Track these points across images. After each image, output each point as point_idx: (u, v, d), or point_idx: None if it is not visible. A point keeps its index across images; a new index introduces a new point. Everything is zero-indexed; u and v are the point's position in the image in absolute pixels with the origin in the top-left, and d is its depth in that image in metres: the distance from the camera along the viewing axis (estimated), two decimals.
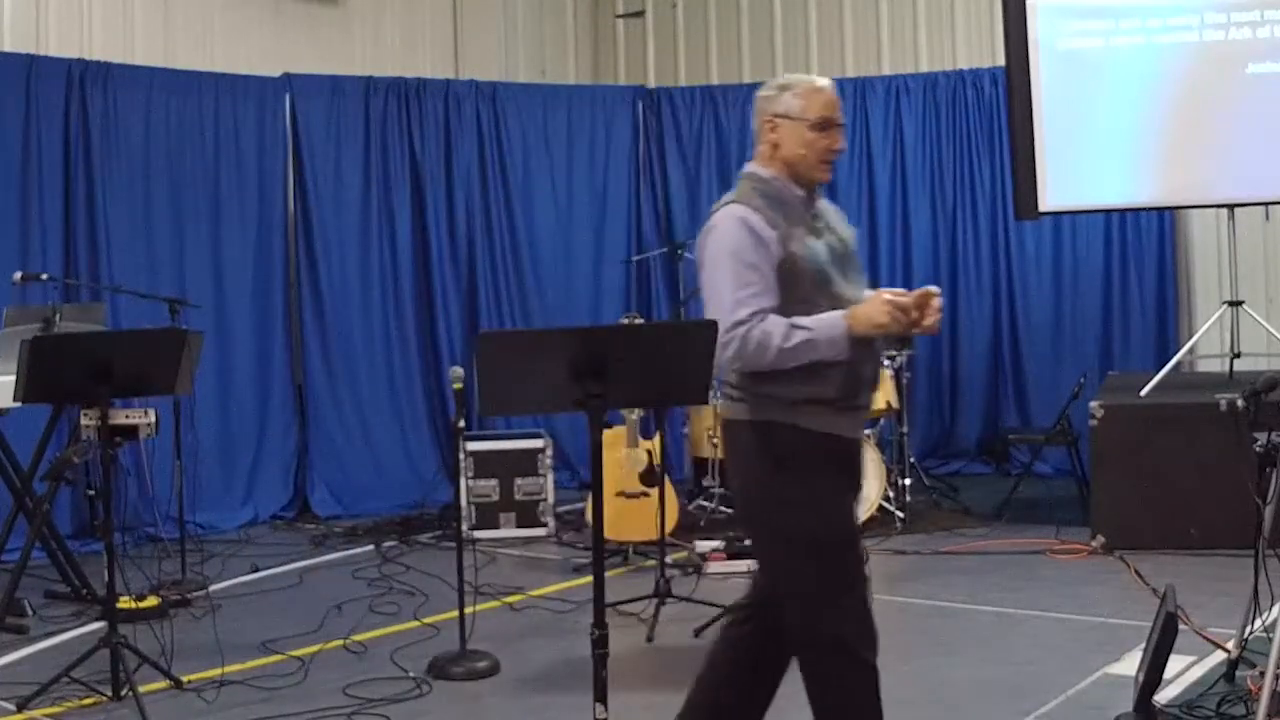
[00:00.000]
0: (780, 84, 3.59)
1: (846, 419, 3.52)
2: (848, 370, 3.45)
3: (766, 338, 3.37)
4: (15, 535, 6.29)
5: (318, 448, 8.70)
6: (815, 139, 3.50)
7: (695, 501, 8.11)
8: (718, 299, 3.45)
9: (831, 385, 3.44)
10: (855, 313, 3.39)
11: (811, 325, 3.37)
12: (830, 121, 3.51)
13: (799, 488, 3.48)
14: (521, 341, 3.84)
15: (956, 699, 4.79)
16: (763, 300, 3.39)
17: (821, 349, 3.38)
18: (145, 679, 4.92)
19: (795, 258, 3.42)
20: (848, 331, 3.37)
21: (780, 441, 3.48)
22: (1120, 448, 6.89)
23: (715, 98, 9.91)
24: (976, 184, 9.45)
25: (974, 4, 9.65)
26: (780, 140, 3.52)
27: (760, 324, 3.38)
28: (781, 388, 3.45)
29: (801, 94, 3.53)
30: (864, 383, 3.54)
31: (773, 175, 3.53)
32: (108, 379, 4.78)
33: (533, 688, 5.07)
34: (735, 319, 3.39)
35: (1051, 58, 7.70)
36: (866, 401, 3.59)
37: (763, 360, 3.40)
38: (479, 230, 9.37)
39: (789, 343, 3.36)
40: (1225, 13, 7.43)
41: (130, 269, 7.81)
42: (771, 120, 3.54)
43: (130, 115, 7.98)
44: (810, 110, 3.50)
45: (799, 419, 3.46)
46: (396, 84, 9.12)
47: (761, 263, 3.41)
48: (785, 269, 3.42)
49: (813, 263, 3.45)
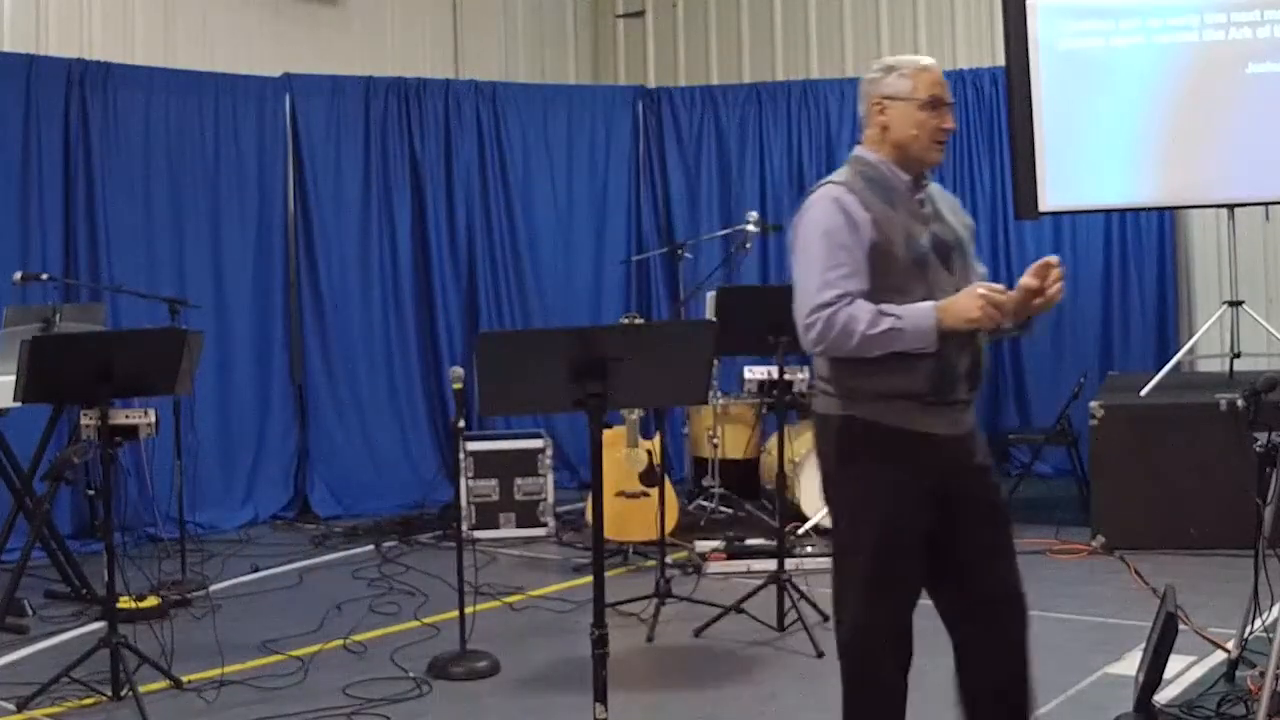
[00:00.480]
0: (885, 65, 3.47)
1: (938, 415, 3.35)
2: (939, 363, 3.29)
3: (852, 322, 3.25)
4: (15, 535, 6.29)
5: (318, 448, 8.70)
6: (926, 119, 3.39)
7: (695, 501, 8.11)
8: (805, 280, 3.33)
9: (921, 378, 3.30)
10: (947, 305, 3.26)
11: (900, 314, 3.25)
12: (940, 100, 3.41)
13: (861, 485, 3.38)
14: (521, 341, 3.85)
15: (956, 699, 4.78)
16: (851, 283, 3.27)
17: (907, 339, 3.25)
18: (145, 679, 4.92)
19: (890, 242, 3.31)
20: (937, 324, 3.24)
21: (856, 437, 3.37)
22: (1120, 448, 6.89)
23: (715, 98, 9.91)
24: (976, 184, 9.45)
25: (974, 4, 9.65)
26: (890, 123, 3.42)
27: (846, 307, 3.26)
28: (867, 380, 3.33)
29: (909, 74, 3.42)
30: (958, 376, 3.36)
31: (879, 159, 3.43)
32: (108, 379, 4.78)
33: (533, 688, 5.07)
34: (820, 300, 3.27)
35: (1051, 58, 7.70)
36: (963, 396, 3.40)
37: (846, 346, 3.27)
38: (479, 230, 9.37)
39: (874, 329, 3.24)
40: (1225, 13, 7.43)
41: (130, 269, 7.81)
42: (879, 103, 3.43)
43: (130, 115, 7.98)
44: (919, 90, 3.40)
45: (883, 415, 3.34)
46: (396, 84, 9.12)
47: (853, 245, 3.30)
48: (878, 253, 3.30)
49: (909, 249, 3.32)
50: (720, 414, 8.01)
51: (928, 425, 3.34)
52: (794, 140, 9.71)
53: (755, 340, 5.65)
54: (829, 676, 5.09)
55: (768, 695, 4.89)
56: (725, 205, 9.72)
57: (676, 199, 9.85)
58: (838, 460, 3.43)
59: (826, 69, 10.07)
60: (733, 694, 4.93)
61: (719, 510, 7.94)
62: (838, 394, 3.40)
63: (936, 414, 3.35)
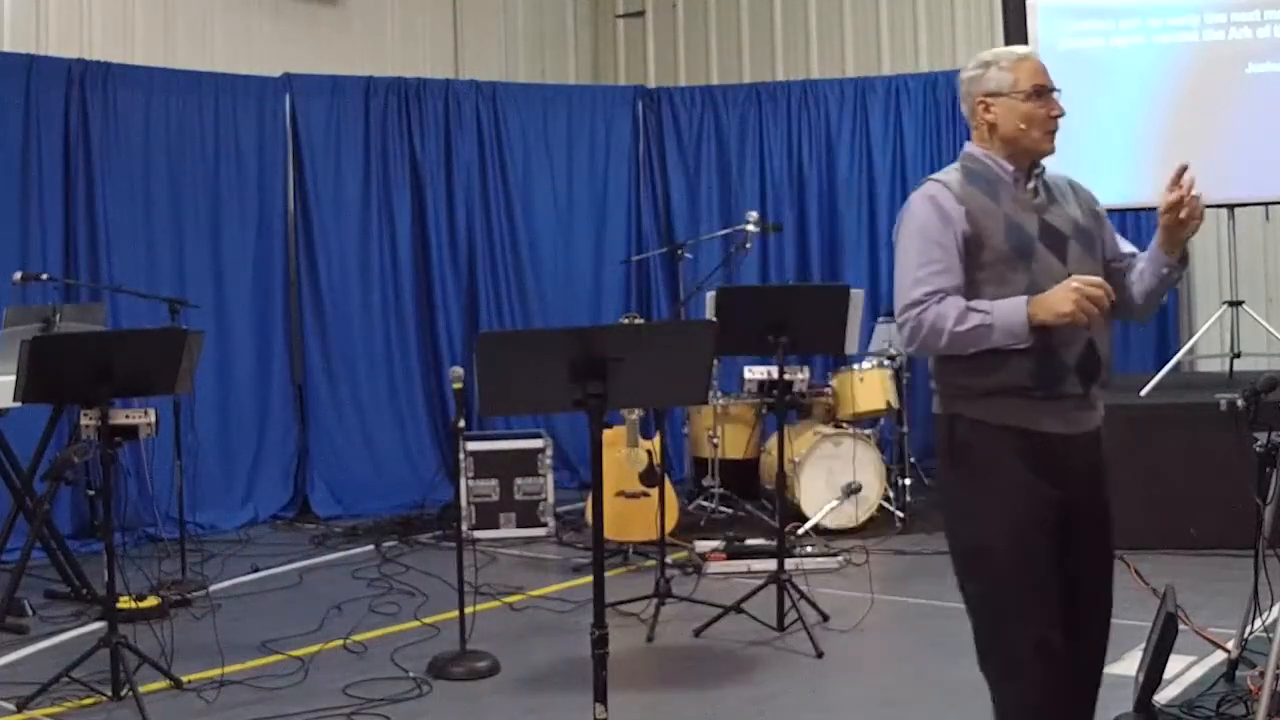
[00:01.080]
0: (983, 61, 3.37)
1: (1047, 410, 3.19)
2: (1043, 355, 3.15)
3: (940, 320, 3.15)
4: (15, 535, 6.29)
5: (318, 448, 8.70)
6: (1033, 110, 3.29)
7: (695, 501, 8.11)
8: (900, 279, 3.25)
9: (1023, 371, 3.16)
10: (1040, 299, 3.12)
11: (989, 309, 3.14)
12: (1044, 88, 3.31)
13: (970, 489, 3.25)
14: (521, 341, 3.85)
15: (956, 699, 4.79)
16: (944, 279, 3.18)
17: (997, 336, 3.13)
18: (145, 679, 4.92)
19: (985, 233, 3.20)
20: (1029, 319, 3.11)
21: (962, 437, 3.25)
22: (1120, 448, 6.84)
23: (715, 98, 9.92)
24: None
25: (974, 4, 9.65)
26: (997, 119, 3.31)
27: (936, 305, 3.16)
28: (970, 376, 3.21)
29: (1008, 66, 3.32)
30: (1066, 369, 3.18)
31: (984, 153, 3.33)
32: (108, 379, 4.78)
33: (533, 688, 5.07)
34: (911, 299, 3.20)
35: (1051, 58, 7.59)
36: (1075, 390, 3.21)
37: (937, 344, 3.18)
38: (479, 230, 9.37)
39: (962, 326, 3.14)
40: (1225, 13, 7.44)
41: (130, 269, 7.81)
42: (983, 101, 3.33)
43: (130, 115, 7.98)
44: (1022, 81, 3.30)
45: (986, 412, 3.21)
46: (396, 84, 9.12)
47: (946, 240, 3.20)
48: (973, 245, 3.20)
49: (1010, 239, 3.21)
50: (720, 414, 8.01)
51: (1038, 422, 3.19)
52: (794, 140, 9.71)
53: (755, 340, 5.65)
54: (829, 676, 5.12)
55: (768, 695, 4.89)
56: (725, 205, 9.72)
57: (676, 199, 9.85)
58: (948, 463, 3.31)
59: (826, 69, 10.08)
60: (733, 694, 4.93)
61: (719, 510, 7.94)
62: (944, 393, 3.31)
63: (1047, 410, 3.20)
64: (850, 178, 9.61)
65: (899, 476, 7.79)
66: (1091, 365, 3.25)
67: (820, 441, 7.52)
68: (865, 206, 9.62)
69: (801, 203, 9.71)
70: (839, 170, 9.64)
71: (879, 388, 7.84)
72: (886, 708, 4.78)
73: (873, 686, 5.05)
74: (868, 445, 7.57)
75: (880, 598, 6.03)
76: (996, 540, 3.20)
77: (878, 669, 5.34)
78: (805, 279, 9.56)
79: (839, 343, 5.90)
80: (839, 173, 9.64)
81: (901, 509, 7.70)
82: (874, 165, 9.59)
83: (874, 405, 7.86)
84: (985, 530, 3.22)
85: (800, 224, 9.71)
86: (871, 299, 9.16)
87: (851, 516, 7.50)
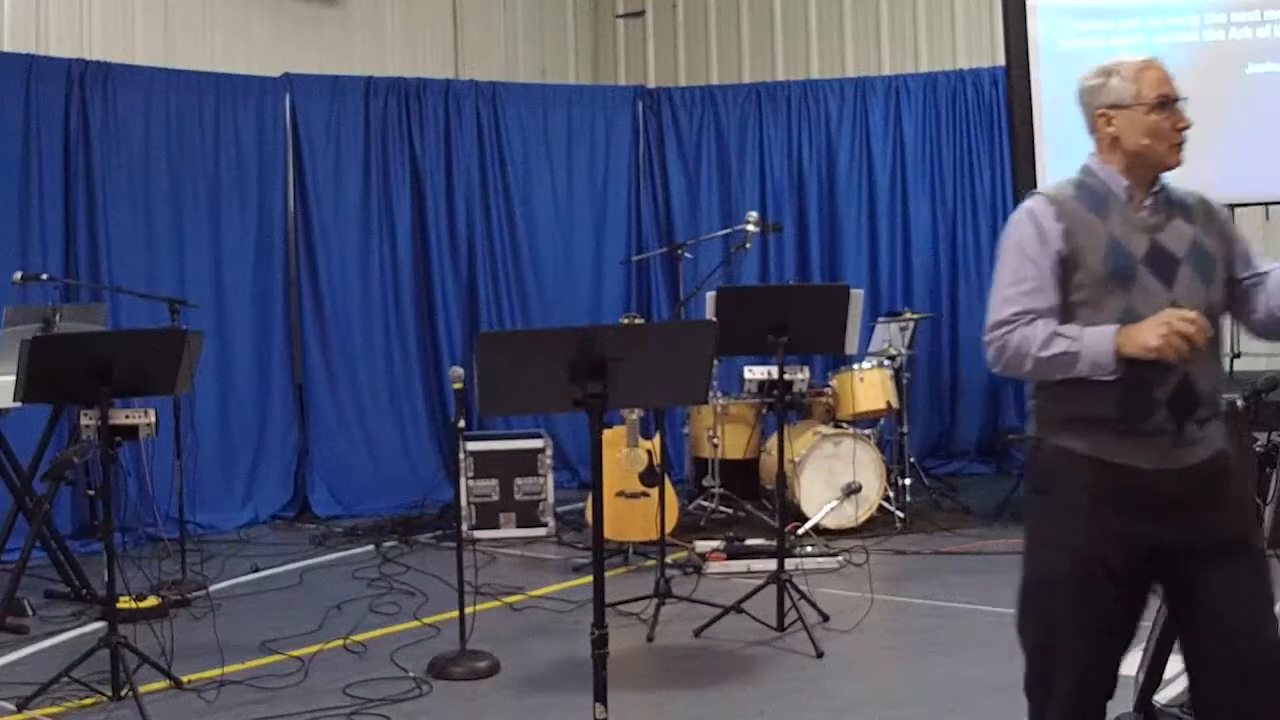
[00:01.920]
0: (1103, 70, 3.19)
1: (1135, 445, 3.00)
2: (1131, 387, 2.98)
3: (1025, 343, 3.03)
4: (15, 535, 6.29)
5: (318, 448, 8.70)
6: (1158, 122, 3.12)
7: (695, 501, 8.10)
8: (992, 295, 3.13)
9: (1109, 402, 2.99)
10: (1128, 330, 2.96)
11: (1077, 336, 3.00)
12: (1169, 98, 3.14)
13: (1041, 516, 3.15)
14: (521, 341, 3.85)
15: (956, 699, 4.79)
16: (1034, 300, 3.05)
17: (1083, 365, 2.99)
18: (145, 679, 4.92)
19: (1082, 253, 3.04)
20: (1116, 350, 2.96)
21: (1042, 462, 3.13)
22: None
23: (715, 98, 9.92)
24: (976, 184, 9.46)
25: (974, 4, 9.65)
26: (1120, 133, 3.13)
27: (1024, 327, 3.04)
28: (1057, 402, 3.09)
29: (1130, 76, 3.15)
30: (1155, 402, 2.99)
31: (1102, 166, 3.16)
32: (108, 379, 4.78)
33: (533, 688, 5.07)
34: (999, 318, 3.08)
35: (1051, 58, 7.70)
36: (1165, 426, 3.00)
37: (1021, 368, 3.06)
38: (479, 230, 9.37)
39: (1046, 351, 3.01)
40: (1225, 13, 7.44)
41: (130, 269, 7.82)
42: (1104, 114, 3.16)
43: (130, 115, 7.98)
44: (1145, 92, 3.13)
45: (1069, 439, 3.07)
46: (396, 84, 9.12)
47: (1040, 258, 3.06)
48: (1068, 266, 3.05)
49: (1107, 262, 3.04)
50: (720, 414, 8.01)
51: (1125, 456, 3.01)
52: (794, 140, 9.72)
53: (755, 340, 5.65)
54: (829, 677, 5.12)
55: (768, 695, 4.89)
56: (725, 205, 9.72)
57: (676, 199, 9.86)
58: (1028, 486, 3.20)
59: (826, 69, 10.08)
60: (733, 694, 4.93)
61: (719, 510, 7.94)
62: (1035, 414, 3.17)
63: (1136, 444, 3.01)
64: (850, 178, 9.62)
65: (899, 476, 7.79)
66: (1186, 401, 3.02)
67: (820, 441, 7.53)
68: (865, 206, 9.62)
69: (801, 203, 9.72)
70: (839, 170, 9.64)
71: (879, 388, 7.84)
72: (886, 708, 4.78)
73: (873, 686, 5.05)
74: (868, 445, 7.57)
75: (880, 598, 6.03)
76: (1054, 570, 3.12)
77: (878, 669, 5.34)
78: (805, 279, 9.56)
79: (839, 343, 5.90)
80: (839, 173, 9.64)
81: (901, 509, 7.70)
82: (874, 165, 9.59)
83: (874, 405, 7.86)
84: (1047, 559, 3.15)
85: (800, 224, 9.71)
86: (871, 299, 9.18)
87: (851, 516, 7.50)
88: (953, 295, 9.52)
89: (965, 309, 9.51)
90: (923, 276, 9.56)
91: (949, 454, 9.52)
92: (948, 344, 9.56)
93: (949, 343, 9.56)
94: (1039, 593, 3.18)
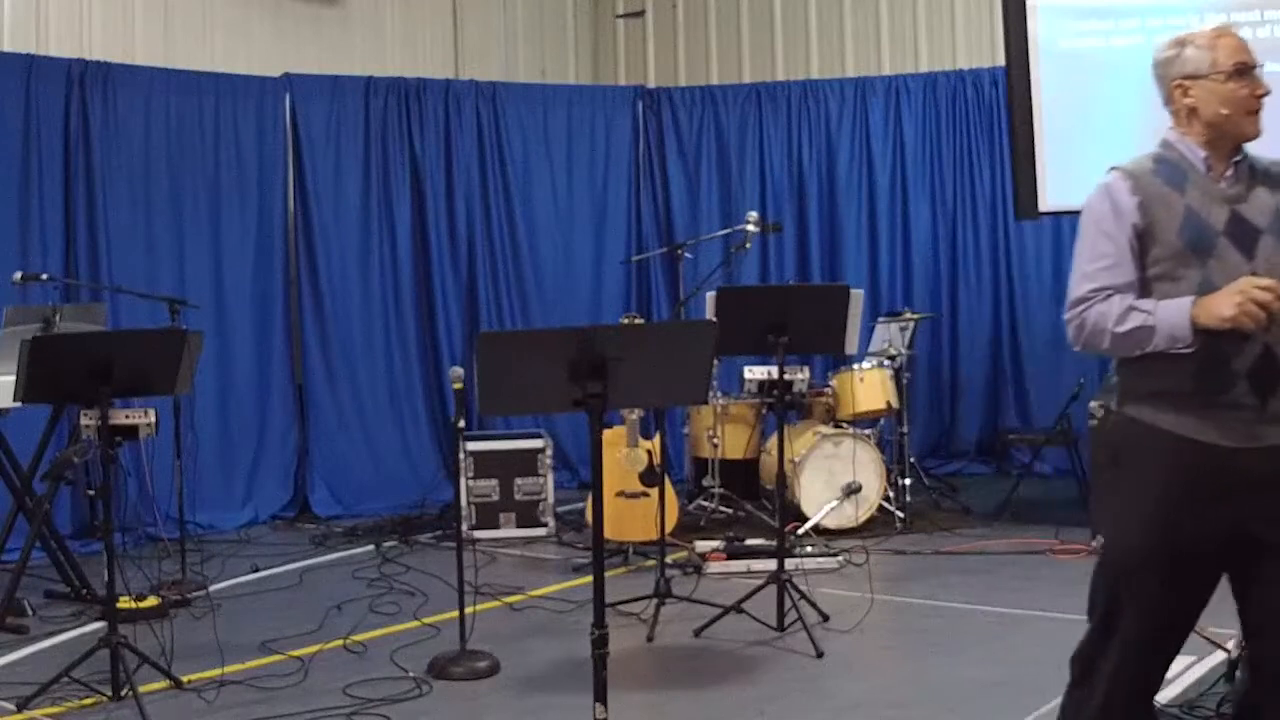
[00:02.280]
0: (1177, 41, 3.18)
1: (1210, 420, 2.97)
2: (1208, 360, 2.95)
3: (1103, 319, 3.02)
4: (15, 535, 6.29)
5: (318, 448, 8.70)
6: (1234, 90, 3.07)
7: (695, 501, 8.10)
8: (1072, 272, 3.13)
9: (1186, 376, 2.97)
10: (1203, 300, 2.93)
11: (1152, 310, 2.98)
12: (1246, 65, 3.09)
13: (1113, 489, 3.13)
14: (521, 341, 3.85)
15: (956, 699, 4.79)
16: (1112, 276, 3.04)
17: (1160, 338, 2.96)
18: (145, 679, 4.92)
19: (1159, 227, 3.02)
20: (1192, 321, 2.92)
21: (1119, 435, 3.12)
22: None
23: (715, 98, 9.92)
24: (976, 184, 9.46)
25: (974, 4, 9.65)
26: (1197, 103, 3.10)
27: (1101, 303, 3.03)
28: (1138, 377, 3.07)
29: (1205, 45, 3.12)
30: (1234, 375, 2.95)
31: (1179, 138, 3.14)
32: (108, 379, 4.78)
33: (533, 688, 5.07)
34: (1077, 295, 3.08)
35: (1051, 58, 7.70)
36: (1246, 400, 2.96)
37: (1100, 344, 3.06)
38: (479, 230, 9.37)
39: (1123, 326, 3.00)
40: (1225, 13, 7.43)
41: (130, 269, 7.81)
42: (1180, 85, 3.13)
43: (130, 115, 7.98)
44: (1222, 60, 3.09)
45: (1148, 414, 3.05)
46: (396, 84, 9.12)
47: (1117, 233, 3.05)
48: (1146, 240, 3.03)
49: (1183, 234, 3.01)
50: (720, 414, 8.01)
51: (1203, 432, 2.98)
52: (794, 140, 9.72)
53: (755, 340, 5.65)
54: (829, 677, 5.12)
55: (768, 695, 4.88)
56: (725, 205, 9.73)
57: (676, 199, 9.86)
58: (1104, 460, 3.18)
59: (826, 69, 10.08)
60: (733, 694, 4.93)
61: (719, 510, 7.94)
62: (1119, 388, 3.16)
63: (1214, 419, 2.97)
64: (850, 178, 9.62)
65: (899, 476, 7.78)
66: (1268, 374, 2.96)
67: (820, 441, 7.53)
68: (865, 206, 9.62)
69: (801, 203, 9.72)
70: (839, 170, 9.64)
71: (879, 388, 7.84)
72: (886, 708, 4.78)
73: (873, 686, 5.05)
74: (868, 445, 7.57)
75: (880, 598, 6.03)
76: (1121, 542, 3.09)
77: (878, 669, 5.34)
78: (805, 279, 9.56)
79: (839, 343, 5.90)
80: (839, 173, 9.64)
81: (901, 509, 7.70)
82: (874, 165, 9.60)
83: (874, 405, 7.86)
84: (1115, 533, 3.12)
85: (800, 224, 9.71)
86: (871, 299, 9.18)
87: (851, 516, 7.50)
88: (953, 295, 9.52)
89: (965, 309, 9.51)
90: (923, 276, 9.56)
91: (949, 454, 9.52)
92: (948, 344, 9.56)
93: (949, 343, 9.56)
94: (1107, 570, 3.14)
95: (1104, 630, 3.13)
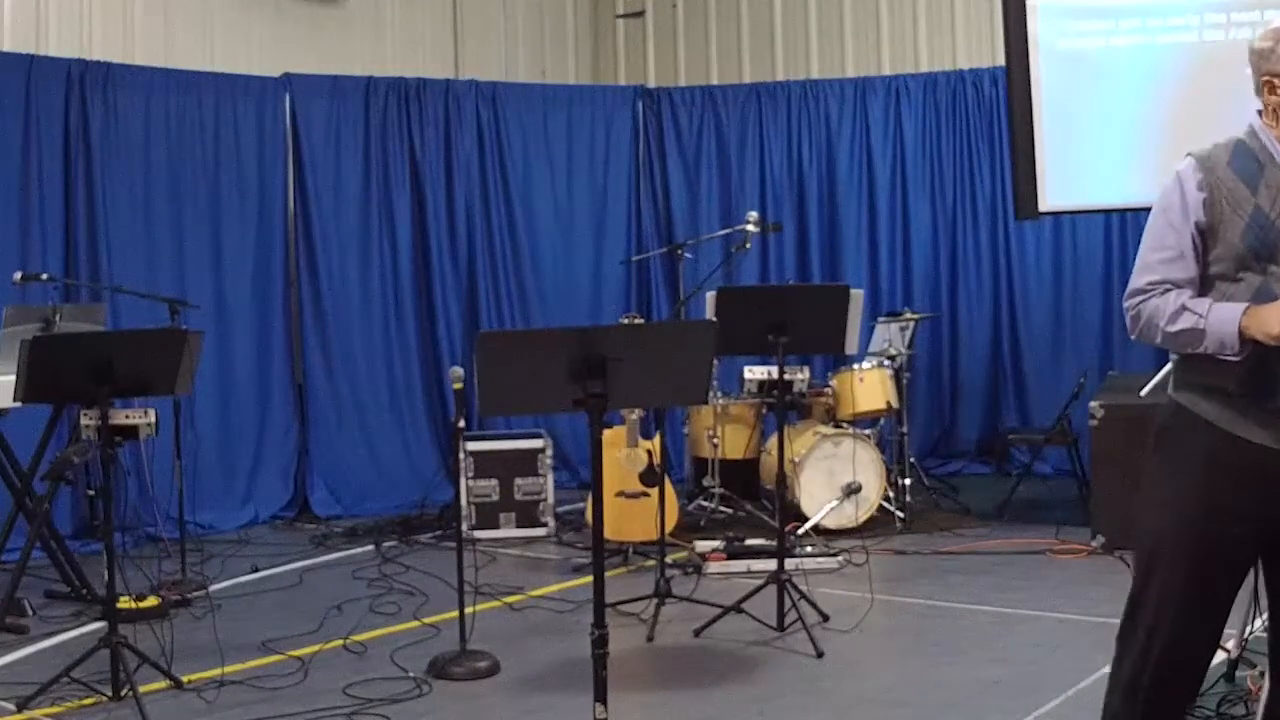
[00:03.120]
0: (1275, 33, 3.09)
1: (1256, 419, 2.95)
2: (1254, 364, 2.92)
3: (1156, 315, 3.01)
4: (15, 535, 6.29)
5: (318, 448, 8.70)
6: None
7: (695, 501, 8.10)
8: (1137, 260, 3.11)
9: (1229, 374, 2.96)
10: (1255, 311, 2.90)
11: (1204, 313, 2.95)
12: None
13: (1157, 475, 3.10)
14: (521, 341, 3.86)
15: (956, 699, 4.79)
16: (1172, 269, 3.01)
17: (1209, 342, 2.95)
18: (145, 679, 4.92)
19: (1222, 226, 2.97)
20: (1240, 331, 2.91)
21: (1169, 421, 3.09)
22: (1120, 448, 6.89)
23: (715, 98, 9.92)
24: (976, 184, 9.46)
25: (974, 4, 9.65)
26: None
27: (1158, 297, 3.01)
28: (1190, 369, 3.06)
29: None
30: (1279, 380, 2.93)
31: (1265, 130, 3.08)
32: (108, 379, 4.78)
33: (533, 688, 5.07)
34: (1136, 285, 3.07)
35: (1051, 58, 7.70)
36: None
37: (1152, 338, 3.06)
38: (479, 230, 9.37)
39: (1174, 326, 2.98)
40: (1225, 13, 7.44)
41: (130, 269, 7.81)
42: (1269, 80, 3.09)
43: (130, 115, 7.98)
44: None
45: (1198, 405, 3.03)
46: (396, 84, 9.12)
47: (1182, 226, 3.00)
48: (1208, 237, 2.99)
49: (1246, 237, 2.95)
50: (720, 414, 8.01)
51: (1245, 430, 2.97)
52: (794, 140, 9.72)
53: (755, 340, 5.65)
54: (829, 677, 5.12)
55: (768, 695, 4.89)
56: (725, 205, 9.73)
57: (676, 199, 9.86)
58: (1153, 442, 3.12)
59: (826, 69, 10.07)
60: (733, 694, 4.93)
61: (719, 510, 7.94)
62: (1173, 376, 3.14)
63: (1257, 419, 2.96)
64: (850, 178, 9.61)
65: (899, 476, 7.78)
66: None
67: (820, 441, 7.53)
68: (865, 206, 9.62)
69: (801, 203, 9.72)
70: (839, 170, 9.64)
71: (879, 388, 7.84)
72: (886, 708, 4.78)
73: (873, 686, 5.05)
74: (868, 445, 7.57)
75: (880, 598, 6.03)
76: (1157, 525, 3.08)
77: (878, 669, 5.34)
78: (805, 279, 9.56)
79: (839, 343, 5.90)
80: (839, 173, 9.64)
81: (901, 509, 7.70)
82: (874, 165, 9.59)
83: (874, 405, 7.86)
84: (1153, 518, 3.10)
85: (800, 224, 9.71)
86: (871, 299, 9.18)
87: (851, 516, 7.50)
88: (953, 295, 9.52)
89: (965, 309, 9.51)
90: (923, 276, 9.56)
91: (949, 454, 9.52)
92: (948, 344, 9.56)
93: (949, 343, 9.56)
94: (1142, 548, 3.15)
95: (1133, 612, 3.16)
